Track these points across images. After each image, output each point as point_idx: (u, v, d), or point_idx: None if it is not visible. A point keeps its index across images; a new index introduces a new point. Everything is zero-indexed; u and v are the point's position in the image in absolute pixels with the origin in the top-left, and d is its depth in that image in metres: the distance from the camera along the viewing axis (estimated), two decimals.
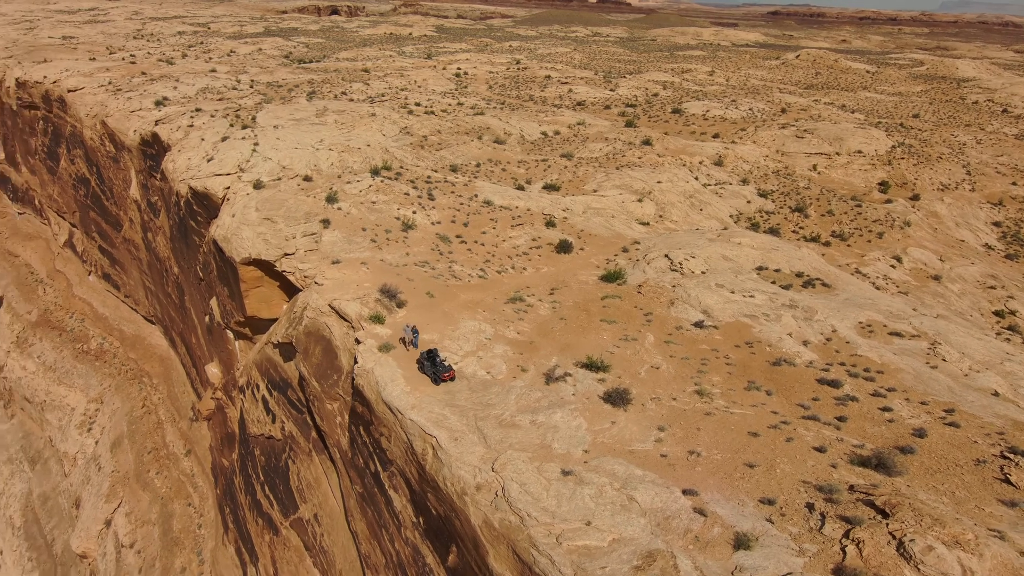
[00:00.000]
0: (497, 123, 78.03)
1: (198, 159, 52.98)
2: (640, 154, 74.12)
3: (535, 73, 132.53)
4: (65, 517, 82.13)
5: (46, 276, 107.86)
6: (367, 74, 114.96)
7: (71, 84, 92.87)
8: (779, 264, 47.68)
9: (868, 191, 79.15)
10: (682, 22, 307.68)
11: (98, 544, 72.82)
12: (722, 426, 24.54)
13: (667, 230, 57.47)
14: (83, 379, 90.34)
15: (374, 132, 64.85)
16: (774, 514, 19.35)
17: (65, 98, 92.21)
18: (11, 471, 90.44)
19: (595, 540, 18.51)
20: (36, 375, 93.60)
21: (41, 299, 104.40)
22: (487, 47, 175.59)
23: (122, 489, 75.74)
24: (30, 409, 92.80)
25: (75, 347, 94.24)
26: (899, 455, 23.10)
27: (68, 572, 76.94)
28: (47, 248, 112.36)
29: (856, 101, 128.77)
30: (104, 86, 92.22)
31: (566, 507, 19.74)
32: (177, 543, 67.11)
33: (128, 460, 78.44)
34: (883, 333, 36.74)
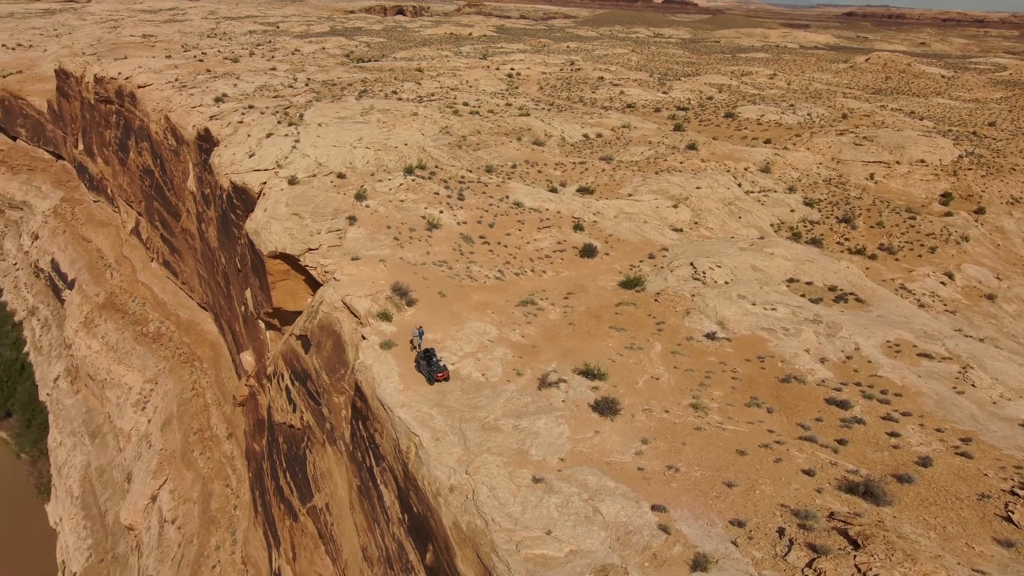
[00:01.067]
0: (539, 124, 77.99)
1: (241, 154, 55.12)
2: (683, 159, 72.67)
3: (588, 74, 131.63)
4: (118, 490, 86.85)
5: (114, 261, 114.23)
6: (420, 73, 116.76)
7: (141, 80, 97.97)
8: (812, 276, 45.97)
9: (927, 203, 75.21)
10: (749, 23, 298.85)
11: (144, 518, 76.72)
12: (710, 442, 23.91)
13: (700, 237, 56.20)
14: (140, 360, 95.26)
15: (414, 131, 65.90)
16: (741, 537, 18.75)
17: (135, 93, 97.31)
18: (73, 443, 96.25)
19: (553, 550, 18.39)
20: (99, 354, 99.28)
21: (108, 283, 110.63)
22: (544, 48, 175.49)
23: (168, 467, 79.53)
24: (92, 386, 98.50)
25: (135, 329, 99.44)
26: (893, 484, 21.99)
27: (117, 542, 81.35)
28: (116, 235, 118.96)
29: (926, 107, 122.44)
30: (171, 82, 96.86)
31: (530, 515, 19.67)
32: (214, 522, 70.02)
33: (175, 440, 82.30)
34: (911, 354, 34.96)
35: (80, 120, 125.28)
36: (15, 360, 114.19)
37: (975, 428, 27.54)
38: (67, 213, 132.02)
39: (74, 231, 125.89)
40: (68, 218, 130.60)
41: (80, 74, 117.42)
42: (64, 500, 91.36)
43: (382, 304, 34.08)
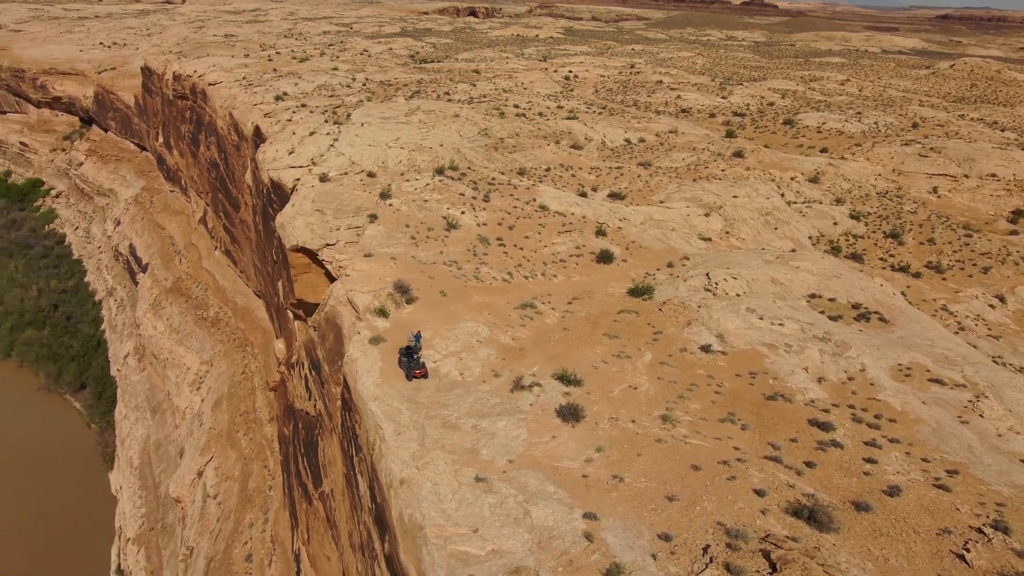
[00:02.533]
0: (580, 128, 77.93)
1: (282, 151, 57.84)
2: (725, 166, 71.10)
3: (647, 78, 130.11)
4: (171, 464, 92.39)
5: (183, 248, 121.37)
6: (477, 75, 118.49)
7: (212, 78, 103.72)
8: (836, 292, 44.32)
9: (993, 220, 70.77)
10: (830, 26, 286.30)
11: (190, 491, 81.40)
12: (667, 455, 23.76)
13: (729, 247, 54.97)
14: (199, 343, 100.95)
15: (452, 133, 67.23)
16: (664, 551, 18.67)
17: (206, 91, 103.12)
18: (136, 417, 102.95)
19: (475, 548, 18.87)
20: (164, 335, 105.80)
21: (176, 268, 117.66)
22: (607, 50, 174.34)
23: (215, 445, 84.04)
24: (156, 365, 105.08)
25: (196, 313, 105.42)
26: (849, 511, 21.28)
27: (167, 513, 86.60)
28: (187, 223, 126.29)
29: (1011, 118, 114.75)
30: (238, 81, 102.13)
31: (463, 512, 20.21)
32: (250, 500, 73.60)
33: (224, 420, 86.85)
34: (922, 378, 33.34)
35: (160, 114, 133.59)
36: (92, 336, 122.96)
37: (968, 460, 26.15)
38: (146, 201, 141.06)
39: (151, 218, 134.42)
40: (147, 206, 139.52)
41: (161, 71, 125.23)
42: (125, 470, 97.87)
43: (382, 300, 35.28)
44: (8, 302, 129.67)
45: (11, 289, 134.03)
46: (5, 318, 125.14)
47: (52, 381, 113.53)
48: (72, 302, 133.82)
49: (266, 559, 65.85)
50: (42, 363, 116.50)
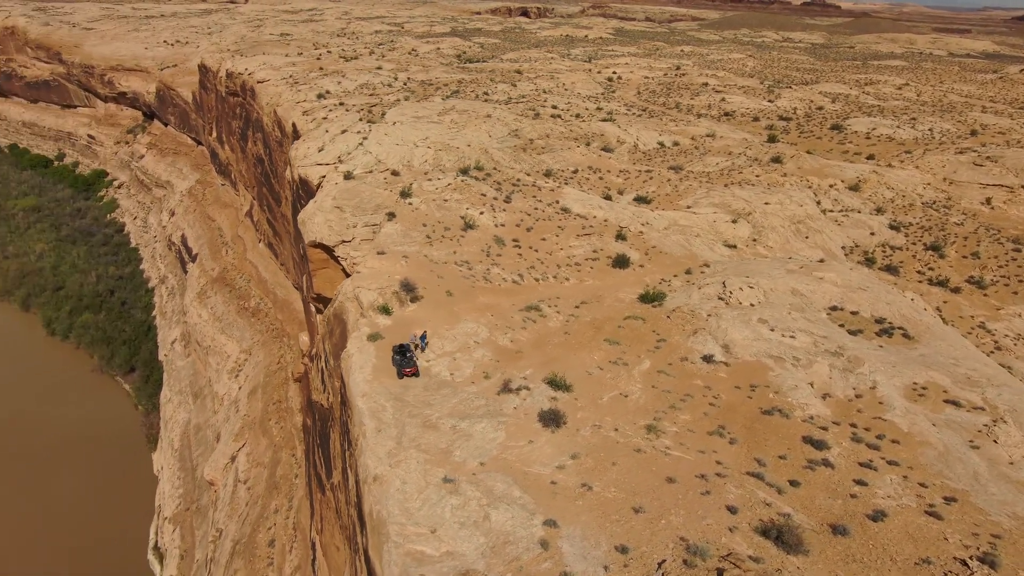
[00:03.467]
0: (613, 130, 77.17)
1: (313, 148, 59.24)
2: (760, 172, 69.30)
3: (692, 80, 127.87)
4: (208, 448, 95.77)
5: (230, 240, 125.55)
6: (519, 75, 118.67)
7: (261, 76, 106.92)
8: (859, 306, 42.72)
9: None
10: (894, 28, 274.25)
11: (223, 475, 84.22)
12: (643, 465, 23.39)
13: (755, 255, 53.56)
14: (239, 332, 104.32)
15: (481, 133, 67.56)
16: (617, 563, 18.40)
17: (255, 88, 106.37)
18: (179, 401, 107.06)
19: (431, 548, 19.00)
20: (207, 323, 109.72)
21: (223, 259, 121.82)
22: (655, 51, 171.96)
23: (248, 432, 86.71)
24: (199, 351, 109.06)
25: (239, 303, 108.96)
26: (824, 534, 20.54)
27: (202, 495, 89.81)
28: (235, 216, 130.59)
29: None
30: (285, 79, 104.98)
31: (425, 512, 20.37)
32: (276, 487, 75.66)
33: (258, 408, 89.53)
34: (937, 399, 31.86)
35: (214, 110, 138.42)
36: (144, 322, 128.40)
37: (970, 488, 24.87)
38: (199, 194, 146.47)
39: (202, 210, 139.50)
40: (199, 198, 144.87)
41: (216, 69, 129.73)
42: (166, 451, 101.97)
43: (387, 298, 35.78)
44: (69, 286, 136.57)
45: (72, 274, 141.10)
46: (65, 301, 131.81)
47: (104, 363, 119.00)
48: (127, 288, 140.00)
49: (287, 545, 67.61)
50: (96, 345, 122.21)
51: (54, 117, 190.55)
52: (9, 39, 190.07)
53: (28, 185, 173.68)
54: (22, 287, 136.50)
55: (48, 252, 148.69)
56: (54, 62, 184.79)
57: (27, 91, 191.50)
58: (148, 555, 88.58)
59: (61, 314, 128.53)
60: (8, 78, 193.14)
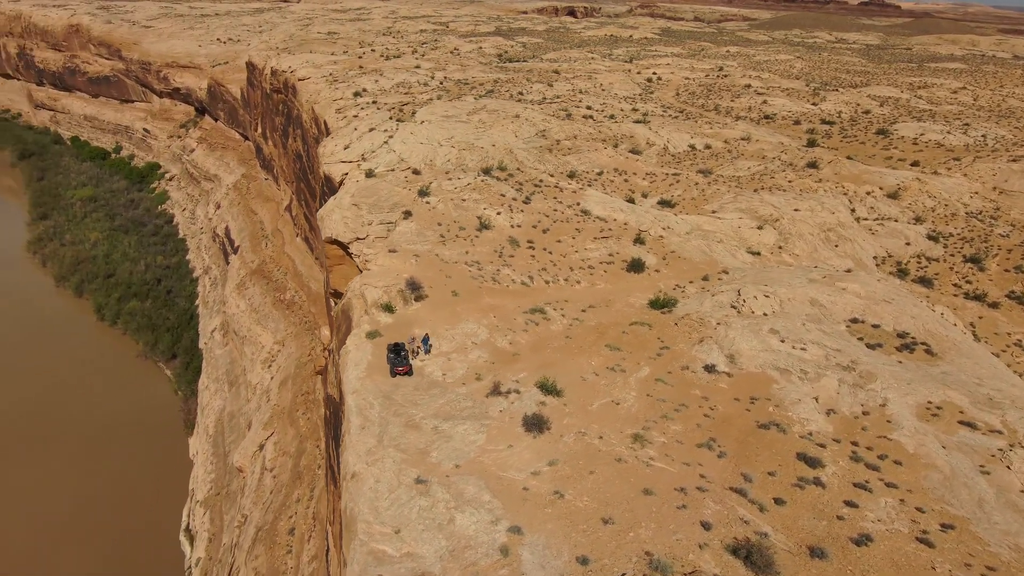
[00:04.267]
0: (644, 132, 76.11)
1: (340, 146, 60.21)
2: (794, 177, 67.38)
3: (735, 81, 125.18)
4: (240, 435, 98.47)
5: (270, 233, 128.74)
6: (556, 75, 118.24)
7: (302, 74, 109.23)
8: (882, 319, 41.12)
9: None
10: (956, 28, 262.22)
11: (251, 463, 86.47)
12: (621, 475, 22.99)
13: (779, 263, 52.09)
14: (274, 323, 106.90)
15: (508, 133, 67.52)
16: (576, 574, 18.12)
17: (296, 85, 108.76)
18: (216, 389, 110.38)
19: (392, 548, 19.08)
20: (245, 314, 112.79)
21: (262, 252, 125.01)
22: (699, 52, 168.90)
23: (277, 422, 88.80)
24: (236, 341, 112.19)
25: (275, 296, 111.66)
26: (801, 556, 19.82)
27: (231, 480, 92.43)
28: (276, 210, 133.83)
29: None
30: (325, 77, 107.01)
31: (392, 512, 20.46)
32: (300, 477, 77.29)
33: (287, 398, 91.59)
34: (951, 420, 30.43)
35: (260, 107, 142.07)
36: (187, 311, 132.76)
37: (972, 515, 23.67)
38: (244, 187, 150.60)
39: (246, 204, 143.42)
40: (243, 192, 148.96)
41: (262, 66, 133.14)
42: (201, 437, 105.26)
43: (391, 296, 36.11)
44: (119, 274, 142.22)
45: (123, 263, 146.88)
46: (115, 289, 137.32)
47: (148, 349, 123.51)
48: (173, 277, 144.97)
49: (306, 534, 69.00)
50: (142, 332, 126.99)
51: (113, 111, 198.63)
52: (74, 36, 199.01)
53: (87, 176, 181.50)
54: (76, 274, 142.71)
55: (102, 241, 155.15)
56: (114, 59, 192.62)
57: (89, 86, 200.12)
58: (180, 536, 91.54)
59: (111, 301, 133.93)
60: (72, 73, 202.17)
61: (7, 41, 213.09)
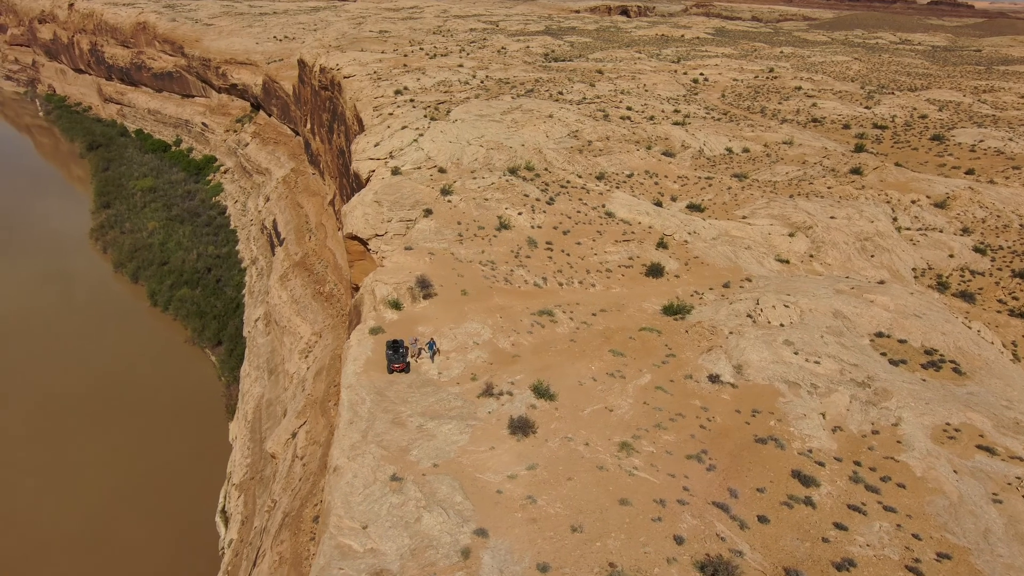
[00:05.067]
0: (679, 134, 74.70)
1: (371, 143, 61.16)
2: (834, 183, 65.05)
3: (785, 83, 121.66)
4: (276, 422, 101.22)
5: (314, 227, 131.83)
6: (600, 75, 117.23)
7: (347, 71, 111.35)
8: (910, 334, 39.35)
9: None
10: None
11: (283, 450, 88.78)
12: (600, 483, 22.67)
13: (809, 272, 50.38)
14: (313, 315, 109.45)
15: (539, 133, 67.30)
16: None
17: (341, 83, 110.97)
18: (256, 376, 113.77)
19: (357, 543, 19.31)
20: (286, 304, 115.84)
21: (306, 245, 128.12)
22: (752, 52, 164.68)
23: (310, 411, 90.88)
24: (277, 331, 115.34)
25: (315, 288, 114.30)
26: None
27: (265, 466, 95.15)
28: (321, 204, 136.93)
29: None
30: (370, 75, 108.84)
31: (363, 507, 20.70)
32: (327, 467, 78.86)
33: (320, 388, 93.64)
34: (969, 443, 28.92)
35: (309, 103, 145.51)
36: (233, 299, 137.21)
37: (974, 546, 22.45)
38: (292, 181, 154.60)
39: (293, 198, 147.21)
40: (292, 186, 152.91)
41: (311, 64, 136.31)
42: (240, 422, 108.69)
43: (400, 293, 36.51)
44: (173, 262, 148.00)
45: (177, 251, 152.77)
46: (168, 276, 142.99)
47: (196, 335, 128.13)
48: (223, 267, 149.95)
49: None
50: (191, 318, 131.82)
51: (174, 105, 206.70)
52: (141, 34, 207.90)
53: (148, 167, 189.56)
54: (133, 261, 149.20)
55: (158, 230, 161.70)
56: (177, 55, 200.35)
57: (153, 81, 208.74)
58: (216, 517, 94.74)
59: (163, 287, 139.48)
60: (139, 69, 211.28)
61: (81, 38, 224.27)
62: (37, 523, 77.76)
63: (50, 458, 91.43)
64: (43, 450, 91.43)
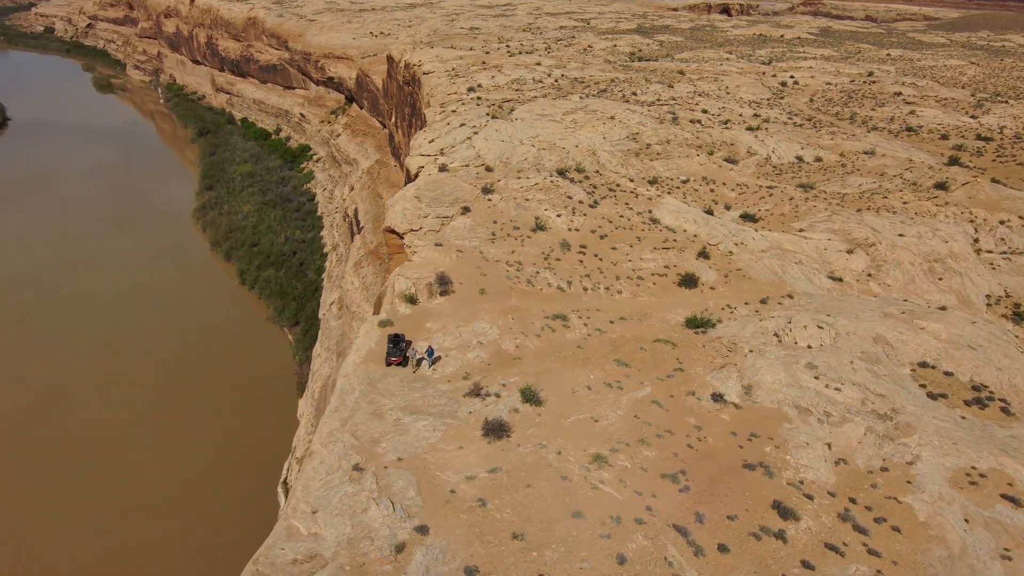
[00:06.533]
0: (747, 140, 71.67)
1: (426, 140, 62.58)
2: (910, 199, 60.55)
3: (883, 88, 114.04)
4: None
5: None
6: (680, 76, 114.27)
7: (427, 68, 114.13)
8: (959, 367, 36.29)
9: None
10: None
11: None
12: (557, 494, 22.44)
13: (864, 292, 47.20)
14: None
15: (597, 135, 66.51)
16: None
17: (421, 79, 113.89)
18: (326, 357, 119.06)
19: (304, 526, 20.12)
20: (357, 291, 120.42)
21: (380, 234, 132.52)
22: (855, 55, 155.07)
23: None
24: (347, 315, 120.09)
25: (384, 277, 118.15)
26: None
27: None
28: None
29: None
30: (448, 71, 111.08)
31: (319, 493, 21.51)
32: None
33: None
34: (992, 491, 26.47)
35: (395, 97, 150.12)
36: (313, 282, 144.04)
37: None
38: (375, 173, 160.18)
39: (374, 188, 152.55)
40: (375, 176, 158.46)
41: (398, 59, 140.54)
42: (308, 400, 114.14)
43: (419, 289, 37.35)
44: (262, 244, 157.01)
45: (267, 234, 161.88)
46: (257, 256, 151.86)
47: (277, 314, 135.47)
48: (307, 251, 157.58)
49: None
50: (273, 298, 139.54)
51: (277, 96, 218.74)
52: (251, 28, 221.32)
53: (249, 154, 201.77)
54: (227, 240, 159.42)
55: (252, 213, 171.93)
56: (281, 49, 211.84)
57: (259, 73, 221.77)
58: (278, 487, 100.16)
59: (251, 267, 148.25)
60: (247, 61, 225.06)
61: (199, 31, 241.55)
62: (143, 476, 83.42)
63: (155, 420, 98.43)
64: (149, 413, 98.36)
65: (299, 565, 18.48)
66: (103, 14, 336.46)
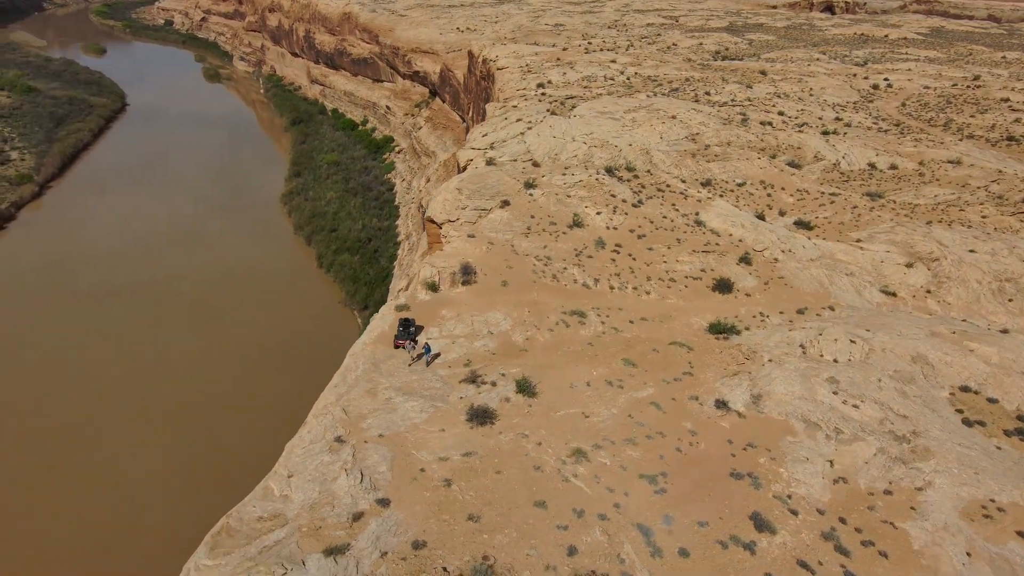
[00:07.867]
0: (816, 144, 68.39)
1: (481, 134, 63.56)
2: (990, 212, 56.17)
3: (989, 93, 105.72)
4: None
5: None
6: (762, 76, 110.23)
7: (502, 63, 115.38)
8: (1006, 393, 33.75)
9: None
10: None
11: None
12: (526, 483, 22.73)
13: (919, 309, 44.31)
14: None
15: (653, 134, 65.39)
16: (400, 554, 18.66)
17: (495, 74, 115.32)
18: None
19: (278, 488, 21.40)
20: None
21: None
22: (965, 57, 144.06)
23: None
24: None
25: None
26: None
27: None
28: None
29: None
30: (521, 67, 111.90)
31: (298, 460, 22.76)
32: None
33: None
34: (1008, 527, 24.66)
35: (473, 92, 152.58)
36: (385, 269, 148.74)
37: None
38: (451, 165, 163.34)
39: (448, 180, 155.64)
40: (450, 169, 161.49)
41: (477, 55, 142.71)
42: None
43: (442, 277, 38.35)
44: (341, 230, 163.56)
45: (346, 221, 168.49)
46: (335, 241, 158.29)
47: (348, 298, 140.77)
48: (382, 239, 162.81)
49: None
50: (346, 283, 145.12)
51: (366, 89, 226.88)
52: (345, 22, 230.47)
53: (336, 143, 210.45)
54: (309, 225, 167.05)
55: (334, 200, 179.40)
56: (372, 43, 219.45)
57: (351, 66, 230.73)
58: None
59: (329, 252, 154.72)
60: (341, 55, 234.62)
61: (298, 25, 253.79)
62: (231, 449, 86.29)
63: (235, 394, 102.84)
64: (232, 388, 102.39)
65: (263, 522, 19.74)
66: (215, 8, 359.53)
